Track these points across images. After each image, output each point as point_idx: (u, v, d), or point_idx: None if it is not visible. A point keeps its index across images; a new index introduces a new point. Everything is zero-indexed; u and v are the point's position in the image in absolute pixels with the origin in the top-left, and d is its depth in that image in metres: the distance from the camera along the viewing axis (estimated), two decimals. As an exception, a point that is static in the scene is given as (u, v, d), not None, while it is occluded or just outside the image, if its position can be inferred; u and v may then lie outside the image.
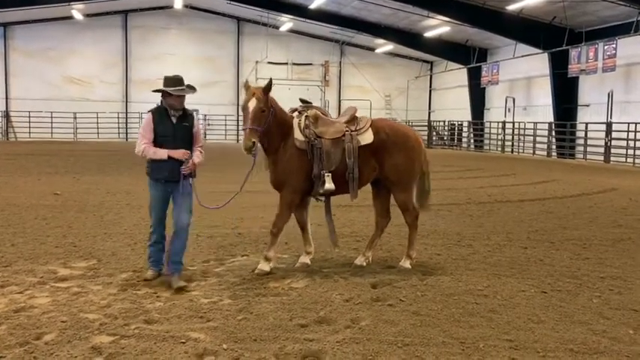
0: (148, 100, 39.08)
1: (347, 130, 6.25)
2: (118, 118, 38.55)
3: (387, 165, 6.48)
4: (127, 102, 39.02)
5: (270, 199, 8.76)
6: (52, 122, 36.97)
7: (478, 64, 35.62)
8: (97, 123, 37.31)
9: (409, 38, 36.43)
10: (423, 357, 4.23)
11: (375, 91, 43.26)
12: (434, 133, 43.11)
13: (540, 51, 28.84)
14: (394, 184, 6.64)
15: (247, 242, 7.94)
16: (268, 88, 5.96)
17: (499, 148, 34.53)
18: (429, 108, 44.89)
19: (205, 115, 39.16)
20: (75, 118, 37.41)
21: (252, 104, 5.84)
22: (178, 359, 4.06)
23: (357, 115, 6.51)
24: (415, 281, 6.19)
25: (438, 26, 32.95)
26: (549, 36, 27.93)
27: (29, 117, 36.72)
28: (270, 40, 39.69)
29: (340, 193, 6.45)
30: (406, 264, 6.74)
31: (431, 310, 5.30)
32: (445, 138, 42.50)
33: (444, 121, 42.12)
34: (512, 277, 6.48)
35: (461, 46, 36.12)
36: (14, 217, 9.56)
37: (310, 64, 42.20)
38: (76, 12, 34.38)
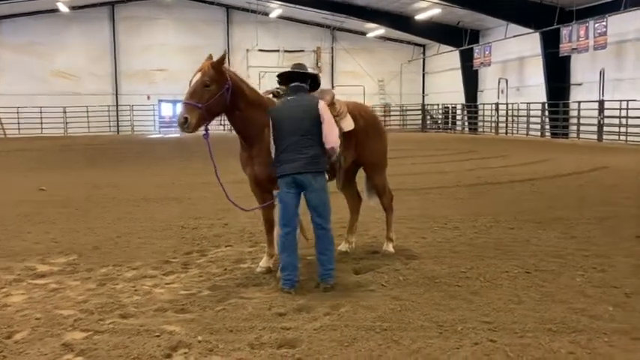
0: (138, 92, 39.20)
1: (330, 117, 6.10)
2: (109, 111, 38.27)
3: (366, 149, 6.39)
4: (117, 94, 38.75)
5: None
6: (41, 118, 36.67)
7: (470, 46, 35.42)
8: (88, 117, 37.06)
9: (400, 21, 36.12)
10: (400, 341, 4.18)
11: (368, 76, 43.02)
12: (428, 117, 42.98)
13: (532, 31, 28.65)
14: (373, 168, 6.57)
15: (232, 233, 7.87)
16: (220, 61, 5.35)
17: (493, 130, 34.42)
18: (423, 92, 44.68)
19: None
20: (64, 112, 37.12)
21: (195, 78, 5.28)
22: (151, 353, 4.00)
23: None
24: (398, 266, 6.14)
25: (428, 8, 32.71)
26: (540, 15, 27.73)
27: (17, 113, 36.40)
28: (260, 27, 39.38)
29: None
30: (389, 248, 6.68)
31: (412, 294, 5.24)
32: (439, 121, 42.38)
33: (438, 105, 41.98)
34: (496, 259, 6.43)
35: (453, 28, 35.90)
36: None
37: (302, 50, 41.84)
38: (62, 4, 33.94)
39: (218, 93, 5.30)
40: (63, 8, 34.75)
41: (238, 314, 4.73)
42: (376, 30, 39.97)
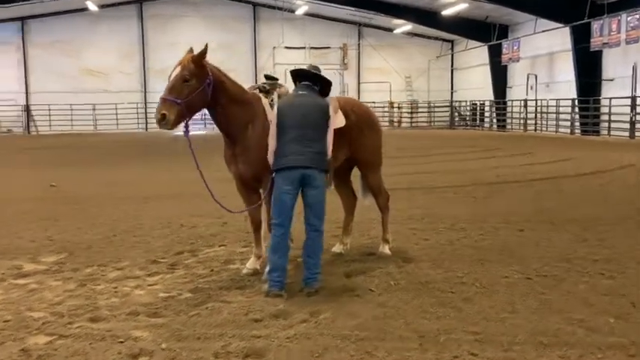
0: (166, 90, 39.33)
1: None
2: (137, 108, 38.58)
3: (360, 147, 6.10)
4: (145, 92, 39.05)
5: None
6: (71, 114, 37.22)
7: (499, 42, 34.63)
8: (116, 114, 37.46)
9: (427, 17, 35.48)
10: (373, 353, 3.92)
11: (395, 73, 42.52)
12: (455, 114, 42.28)
13: (561, 25, 27.83)
14: (367, 166, 6.29)
15: (229, 232, 7.67)
16: (201, 55, 5.12)
17: (521, 127, 33.61)
18: (452, 88, 43.94)
19: (223, 103, 39.00)
20: (94, 109, 37.61)
21: (175, 72, 5.06)
22: (110, 360, 3.82)
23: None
24: (392, 269, 5.85)
25: (455, 3, 32.05)
26: (570, 9, 26.88)
27: (49, 110, 37.05)
28: (287, 24, 39.19)
29: None
30: (385, 250, 6.40)
31: (400, 300, 4.96)
32: (467, 118, 41.64)
33: (466, 101, 41.25)
34: (498, 263, 6.09)
35: (481, 23, 35.15)
36: (1, 211, 9.46)
37: (328, 47, 41.60)
38: (91, 3, 34.36)
39: (198, 88, 5.07)
40: (92, 7, 35.15)
41: (211, 320, 4.51)
42: (403, 26, 39.43)
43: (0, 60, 37.09)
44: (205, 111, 5.49)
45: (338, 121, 5.80)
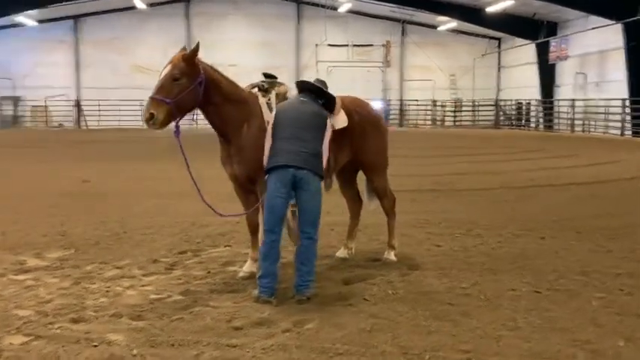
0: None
1: (318, 112, 5.63)
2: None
3: (363, 149, 5.86)
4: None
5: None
6: (120, 110, 37.98)
7: (546, 39, 33.58)
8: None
9: (472, 14, 34.69)
10: (349, 370, 3.70)
11: (439, 71, 41.79)
12: (501, 113, 41.27)
13: (613, 22, 26.74)
14: (371, 169, 6.04)
15: (239, 232, 7.50)
16: (193, 52, 4.94)
17: (569, 128, 32.50)
18: (498, 87, 42.91)
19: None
20: (142, 105, 38.17)
21: (165, 71, 4.88)
22: (77, 365, 3.72)
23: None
24: (394, 277, 5.59)
25: (501, 0, 31.21)
26: (622, 5, 25.81)
27: (99, 106, 37.95)
28: (330, 22, 39.00)
29: None
30: (391, 256, 6.14)
31: (394, 311, 4.71)
32: (512, 118, 40.58)
33: (511, 100, 40.21)
34: (509, 273, 5.76)
35: (528, 20, 34.14)
36: (27, 204, 9.60)
37: (371, 44, 41.22)
38: (139, 2, 34.98)
39: (189, 87, 4.90)
40: (140, 5, 35.76)
41: (192, 325, 4.37)
42: (448, 23, 38.68)
43: (54, 57, 38.26)
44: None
45: (340, 120, 5.59)
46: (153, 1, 36.96)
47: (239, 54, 38.70)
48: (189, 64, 4.91)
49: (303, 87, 5.32)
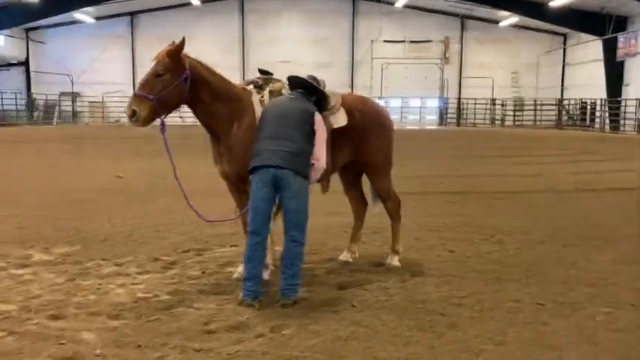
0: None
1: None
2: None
3: (364, 149, 5.64)
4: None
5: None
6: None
7: (615, 35, 32.01)
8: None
9: (535, 8, 33.52)
10: (308, 381, 3.53)
11: (499, 68, 40.71)
12: (563, 113, 39.69)
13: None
14: (374, 171, 5.80)
15: (251, 231, 7.44)
16: (177, 48, 4.87)
17: (636, 129, 30.87)
18: (562, 85, 41.30)
19: (319, 98, 39.09)
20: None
21: (150, 68, 4.86)
22: (37, 363, 3.71)
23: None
24: (392, 283, 5.36)
25: (565, -6, 30.03)
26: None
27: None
28: (386, 17, 38.67)
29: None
30: (394, 261, 5.90)
31: (378, 320, 4.49)
32: (576, 118, 38.96)
33: (576, 100, 38.60)
34: (516, 282, 5.43)
35: (595, 15, 32.68)
36: (54, 199, 9.83)
37: (429, 41, 40.52)
38: (194, -2, 35.79)
39: (173, 83, 4.82)
40: (195, 1, 36.46)
41: (166, 327, 4.30)
42: (509, 18, 37.55)
43: (112, 53, 39.54)
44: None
45: (339, 119, 5.42)
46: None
47: (292, 50, 38.88)
48: (173, 59, 4.84)
49: (295, 83, 5.17)
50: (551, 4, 31.74)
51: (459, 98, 41.24)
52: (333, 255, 6.29)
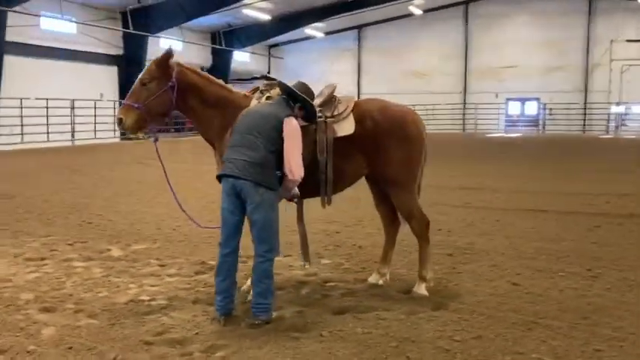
0: (485, 90, 38.20)
1: (320, 117, 5.01)
2: (453, 109, 38.20)
3: (379, 161, 5.00)
4: (465, 93, 38.76)
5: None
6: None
7: None
8: (433, 114, 37.77)
9: None
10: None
11: None
12: None
13: None
14: (391, 185, 5.11)
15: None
16: (165, 56, 4.84)
17: None
18: None
19: (546, 104, 36.14)
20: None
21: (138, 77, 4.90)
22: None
23: (335, 94, 5.16)
24: (390, 314, 4.69)
25: None
26: None
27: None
28: (628, 14, 34.14)
29: (310, 197, 5.15)
30: (421, 289, 5.16)
31: (331, 354, 3.97)
32: None
33: None
34: (546, 330, 4.36)
35: None
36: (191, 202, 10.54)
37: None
38: (415, 8, 35.72)
39: (157, 92, 4.85)
40: (416, 11, 36.52)
41: (118, 333, 4.34)
42: None
43: (341, 65, 41.45)
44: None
45: (342, 127, 4.96)
46: (429, 7, 37.16)
47: (519, 55, 36.57)
48: (159, 67, 4.89)
49: (282, 89, 4.83)
50: None
51: None
52: (360, 276, 5.79)
